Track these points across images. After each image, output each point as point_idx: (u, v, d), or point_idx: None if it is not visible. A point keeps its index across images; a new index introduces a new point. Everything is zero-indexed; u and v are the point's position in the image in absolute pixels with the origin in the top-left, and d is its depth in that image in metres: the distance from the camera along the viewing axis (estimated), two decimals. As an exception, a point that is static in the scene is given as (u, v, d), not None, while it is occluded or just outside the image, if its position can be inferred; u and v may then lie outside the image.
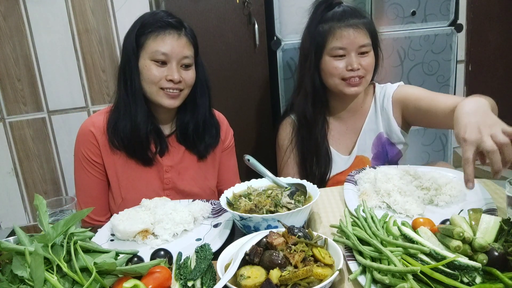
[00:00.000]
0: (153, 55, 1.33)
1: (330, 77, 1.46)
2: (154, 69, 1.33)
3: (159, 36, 1.33)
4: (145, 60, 1.34)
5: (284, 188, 1.19)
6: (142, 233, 1.10)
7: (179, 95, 1.37)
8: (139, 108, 1.36)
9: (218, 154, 1.55)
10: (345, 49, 1.42)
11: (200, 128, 1.45)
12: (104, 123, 1.40)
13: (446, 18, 2.20)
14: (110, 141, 1.38)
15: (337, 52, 1.43)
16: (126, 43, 1.37)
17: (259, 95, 2.12)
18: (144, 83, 1.36)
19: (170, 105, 1.37)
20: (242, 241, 0.92)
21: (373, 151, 1.55)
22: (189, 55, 1.37)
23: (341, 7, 1.47)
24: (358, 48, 1.42)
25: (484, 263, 0.75)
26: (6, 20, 2.15)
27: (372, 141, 1.55)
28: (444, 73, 2.27)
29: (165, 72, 1.34)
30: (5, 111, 2.25)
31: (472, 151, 0.92)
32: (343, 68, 1.43)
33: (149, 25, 1.34)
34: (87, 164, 1.41)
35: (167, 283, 0.83)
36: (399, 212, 1.08)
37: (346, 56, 1.43)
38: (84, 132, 1.41)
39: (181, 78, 1.35)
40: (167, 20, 1.35)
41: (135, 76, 1.35)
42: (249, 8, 1.97)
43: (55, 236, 0.80)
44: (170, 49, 1.33)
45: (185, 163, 1.47)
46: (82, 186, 1.44)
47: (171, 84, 1.34)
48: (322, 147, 1.54)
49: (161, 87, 1.35)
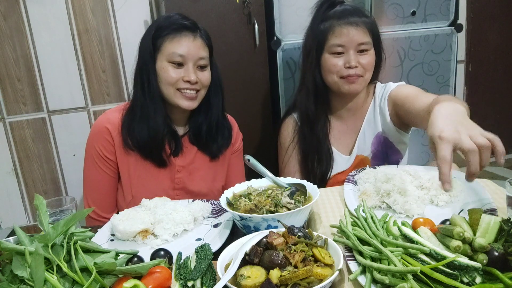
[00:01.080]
0: (170, 57, 1.34)
1: (329, 74, 1.46)
2: (171, 70, 1.35)
3: (175, 38, 1.35)
4: (162, 62, 1.36)
5: (284, 188, 1.19)
6: (142, 233, 1.10)
7: (196, 96, 1.39)
8: (158, 110, 1.37)
9: (228, 156, 1.57)
10: (344, 46, 1.42)
11: (213, 128, 1.47)
12: (119, 120, 1.41)
13: (446, 18, 2.20)
14: (125, 142, 1.39)
15: (336, 49, 1.43)
16: (142, 46, 1.39)
17: (259, 95, 2.12)
18: (161, 84, 1.37)
19: (188, 106, 1.38)
20: (242, 241, 0.92)
21: (372, 150, 1.55)
22: (204, 56, 1.38)
23: (343, 6, 1.48)
24: (357, 46, 1.42)
25: (484, 263, 0.75)
26: (6, 20, 2.15)
27: (371, 141, 1.55)
28: (444, 73, 2.27)
29: (182, 73, 1.35)
30: (5, 111, 2.25)
31: (449, 150, 0.85)
32: (341, 65, 1.43)
33: (164, 28, 1.36)
34: (100, 161, 1.41)
35: (167, 283, 0.84)
36: (399, 212, 1.08)
37: (345, 53, 1.43)
38: (99, 129, 1.41)
39: (197, 79, 1.36)
40: (182, 22, 1.37)
41: (153, 78, 1.37)
42: (249, 8, 1.98)
43: (55, 236, 0.80)
44: (186, 51, 1.34)
45: (196, 163, 1.49)
46: (91, 182, 1.44)
47: (188, 85, 1.36)
48: (324, 145, 1.54)
49: (178, 88, 1.36)
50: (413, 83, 2.23)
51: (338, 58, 1.44)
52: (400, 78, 2.21)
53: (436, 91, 2.29)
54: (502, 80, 3.27)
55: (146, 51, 1.37)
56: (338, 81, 1.46)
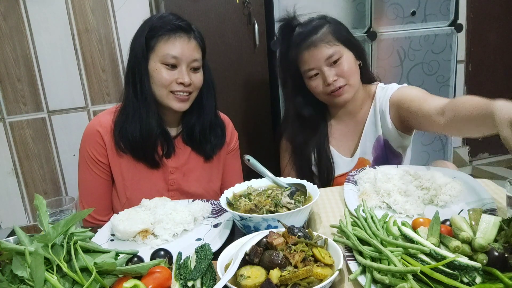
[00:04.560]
0: (164, 58, 1.33)
1: (317, 95, 1.49)
2: (164, 72, 1.33)
3: (170, 39, 1.33)
4: (155, 63, 1.34)
5: (284, 188, 1.19)
6: (142, 233, 1.10)
7: (188, 98, 1.38)
8: (150, 111, 1.35)
9: (223, 156, 1.55)
10: (315, 68, 1.43)
11: (206, 129, 1.46)
12: (111, 123, 1.40)
13: (446, 18, 2.20)
14: (116, 144, 1.38)
15: (310, 73, 1.45)
16: (134, 46, 1.36)
17: (259, 95, 2.12)
18: (154, 86, 1.35)
19: (179, 108, 1.37)
20: (242, 241, 0.92)
21: (373, 154, 1.54)
22: (198, 58, 1.37)
23: (300, 27, 1.48)
24: (326, 62, 1.42)
25: (484, 263, 0.75)
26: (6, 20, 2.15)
27: (372, 144, 1.54)
28: (444, 73, 2.27)
29: (175, 75, 1.34)
30: (5, 111, 2.25)
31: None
32: (321, 85, 1.45)
33: (158, 28, 1.34)
34: (92, 164, 1.41)
35: (167, 283, 0.84)
36: (399, 212, 1.08)
37: (320, 73, 1.44)
38: (91, 132, 1.40)
39: (191, 81, 1.35)
40: (177, 23, 1.34)
41: (145, 79, 1.34)
42: (249, 8, 1.98)
43: (55, 236, 0.80)
44: (180, 52, 1.33)
45: (190, 164, 1.48)
46: (85, 185, 1.44)
47: (181, 87, 1.34)
48: (322, 151, 1.55)
49: (171, 90, 1.35)
50: (413, 83, 2.23)
51: (316, 80, 1.45)
52: (400, 78, 2.21)
53: (436, 91, 2.29)
54: (502, 80, 3.27)
55: (138, 51, 1.34)
56: (327, 98, 1.47)
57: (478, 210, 0.90)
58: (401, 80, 2.22)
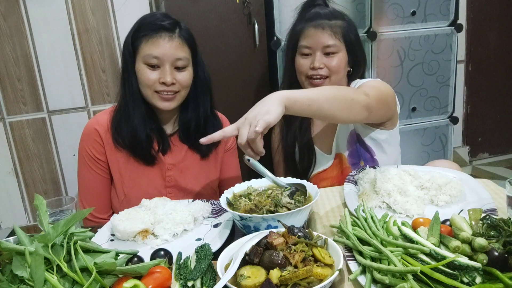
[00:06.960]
0: (145, 58, 1.34)
1: (298, 74, 1.53)
2: (147, 72, 1.35)
3: (151, 39, 1.34)
4: (139, 63, 1.36)
5: (284, 188, 1.19)
6: (142, 233, 1.10)
7: (174, 97, 1.38)
8: (137, 110, 1.39)
9: (220, 154, 1.56)
10: (311, 48, 1.47)
11: (201, 126, 1.47)
12: (108, 121, 1.43)
13: (446, 18, 2.20)
14: (114, 139, 1.41)
15: (303, 50, 1.49)
16: (124, 47, 1.41)
17: (259, 95, 2.12)
18: (140, 86, 1.38)
19: (165, 107, 1.39)
20: (242, 241, 0.92)
21: (348, 148, 1.57)
22: (182, 57, 1.37)
23: (321, 8, 1.52)
24: (323, 48, 1.46)
25: (484, 263, 0.75)
26: (6, 20, 2.14)
27: (346, 139, 1.56)
28: (444, 73, 2.27)
29: (158, 75, 1.35)
30: (5, 111, 2.25)
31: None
32: (307, 66, 1.48)
33: (143, 29, 1.36)
34: (91, 162, 1.43)
35: (167, 283, 0.84)
36: (399, 212, 1.08)
37: (312, 55, 1.48)
38: (89, 131, 1.43)
39: (174, 81, 1.36)
40: (160, 23, 1.35)
41: (133, 79, 1.38)
42: (249, 8, 1.97)
43: (55, 236, 0.80)
44: (162, 52, 1.33)
45: (187, 161, 1.49)
46: (85, 184, 1.46)
47: (164, 87, 1.35)
48: (303, 141, 1.58)
49: (155, 90, 1.36)
50: (413, 83, 2.23)
51: (305, 59, 1.49)
52: (400, 78, 2.21)
53: (436, 91, 2.30)
54: (502, 80, 3.27)
55: (126, 52, 1.39)
56: (305, 81, 1.51)
57: (478, 210, 0.90)
58: (401, 80, 2.22)
